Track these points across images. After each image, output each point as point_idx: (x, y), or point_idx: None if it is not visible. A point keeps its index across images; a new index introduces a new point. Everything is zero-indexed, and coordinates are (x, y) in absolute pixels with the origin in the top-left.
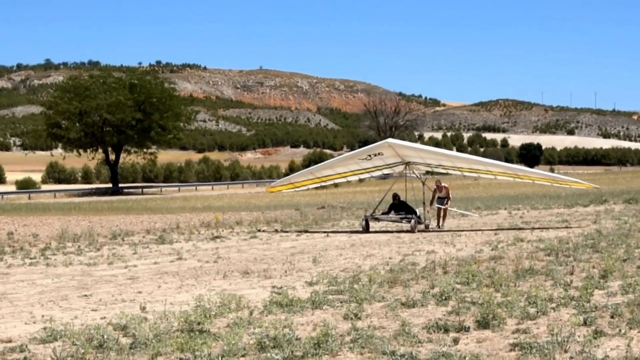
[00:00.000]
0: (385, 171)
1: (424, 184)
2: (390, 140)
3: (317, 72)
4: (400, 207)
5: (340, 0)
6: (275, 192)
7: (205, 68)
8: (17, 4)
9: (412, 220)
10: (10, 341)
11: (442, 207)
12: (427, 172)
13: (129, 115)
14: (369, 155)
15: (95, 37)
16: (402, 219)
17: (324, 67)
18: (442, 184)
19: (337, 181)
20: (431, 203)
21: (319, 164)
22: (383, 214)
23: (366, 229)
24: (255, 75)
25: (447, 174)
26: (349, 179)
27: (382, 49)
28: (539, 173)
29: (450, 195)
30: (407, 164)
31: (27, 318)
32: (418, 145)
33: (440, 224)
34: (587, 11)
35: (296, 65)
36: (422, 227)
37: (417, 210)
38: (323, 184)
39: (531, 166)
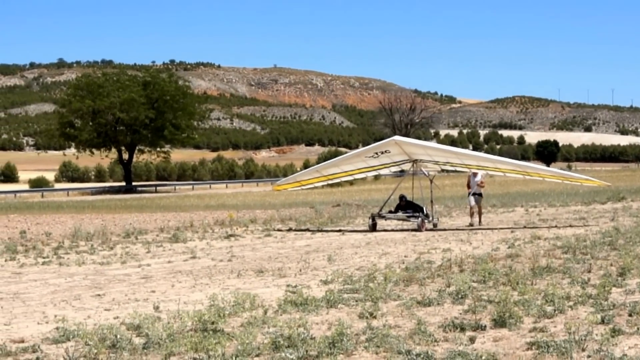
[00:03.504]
0: (393, 169)
1: (432, 181)
2: (397, 137)
3: (332, 70)
4: (407, 207)
5: None
6: (290, 190)
7: (219, 66)
8: (30, 2)
9: (419, 219)
10: (22, 341)
11: (476, 204)
12: (443, 170)
13: (142, 114)
14: (376, 153)
15: (109, 35)
16: (409, 217)
17: (339, 65)
18: (481, 172)
19: (344, 179)
20: (470, 191)
21: (326, 162)
22: (390, 212)
23: (373, 228)
24: (269, 72)
25: (455, 171)
26: (357, 176)
27: (397, 46)
28: (549, 170)
29: (482, 191)
30: (415, 161)
31: (39, 318)
32: (425, 142)
33: (476, 221)
34: (605, 7)
35: (311, 62)
36: (430, 225)
37: (424, 208)
38: (330, 182)
39: (548, 163)
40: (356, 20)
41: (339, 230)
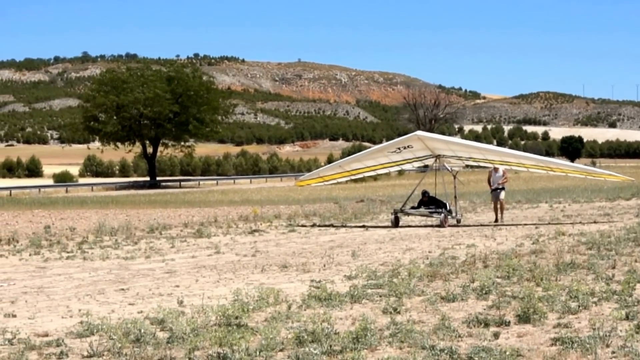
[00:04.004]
0: (417, 164)
1: (455, 177)
2: (419, 132)
3: (356, 65)
4: (429, 203)
5: None
6: (313, 186)
7: (243, 61)
8: None
9: (442, 215)
10: (46, 335)
11: (499, 199)
12: (467, 166)
13: (166, 109)
14: (399, 148)
15: (133, 30)
16: (431, 213)
17: (363, 60)
18: (502, 167)
19: (367, 174)
20: (492, 189)
21: (348, 157)
22: (412, 208)
23: (395, 224)
24: (293, 67)
25: (479, 166)
26: (379, 172)
27: (422, 42)
28: (572, 166)
29: (506, 185)
30: (437, 156)
31: (63, 312)
32: (448, 137)
33: (499, 217)
34: (631, 2)
35: (335, 57)
36: (453, 221)
37: (447, 204)
38: (352, 177)
39: (572, 159)
40: (381, 15)
41: (363, 226)
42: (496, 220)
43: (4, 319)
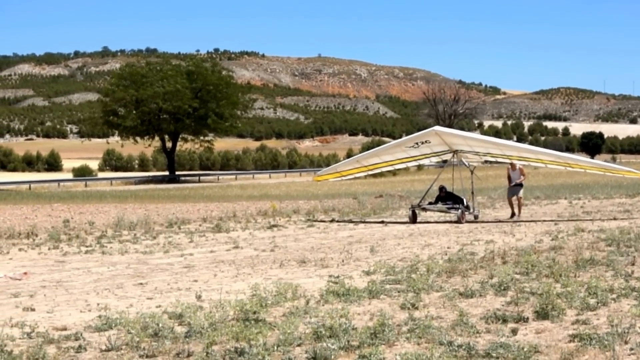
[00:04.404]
0: (435, 159)
1: (472, 172)
2: (437, 127)
3: (376, 60)
4: (447, 198)
5: None
6: (331, 181)
7: (263, 55)
8: None
9: (459, 210)
10: (65, 329)
11: (516, 195)
12: (487, 162)
13: (185, 103)
14: (416, 143)
15: (153, 24)
16: (449, 209)
17: (383, 55)
18: (518, 164)
19: (384, 169)
20: (511, 184)
21: (366, 152)
22: (430, 204)
23: (413, 220)
24: (313, 62)
25: (497, 162)
26: (397, 167)
27: (442, 37)
28: (591, 162)
29: (524, 181)
30: (455, 152)
31: (82, 306)
32: (466, 133)
33: (517, 214)
34: None
35: (355, 52)
36: (470, 217)
37: (464, 200)
38: (370, 172)
39: (592, 155)
40: (401, 10)
41: (382, 222)
42: (512, 215)
43: (22, 313)
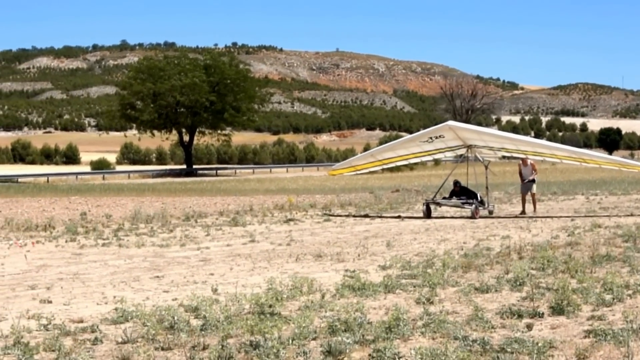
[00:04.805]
0: (449, 154)
1: (487, 167)
2: (450, 122)
3: (394, 54)
4: (461, 193)
5: None
6: (348, 175)
7: (281, 50)
8: None
9: (473, 206)
10: (81, 321)
11: (529, 191)
12: (504, 157)
13: (203, 97)
14: (430, 138)
15: (171, 18)
16: (463, 204)
17: (401, 49)
18: (529, 160)
19: (399, 164)
20: (523, 181)
21: (380, 146)
22: (444, 198)
23: (428, 214)
24: (331, 57)
25: (513, 157)
26: (411, 161)
27: (460, 32)
28: (606, 157)
29: (536, 177)
30: (469, 147)
31: (98, 298)
32: (479, 127)
33: (531, 209)
34: None
35: (373, 47)
36: (485, 212)
37: (478, 195)
38: (384, 166)
39: (610, 151)
40: (419, 5)
41: (398, 216)
42: (523, 212)
43: (39, 305)
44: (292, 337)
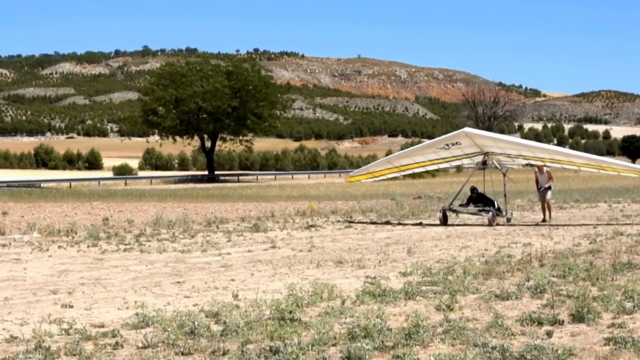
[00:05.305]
0: (466, 161)
1: (505, 175)
2: (466, 129)
3: (416, 61)
4: (478, 200)
5: None
6: (368, 182)
7: (303, 56)
8: None
9: (490, 213)
10: (102, 326)
11: (546, 198)
12: (528, 165)
13: (225, 103)
14: (447, 145)
15: (193, 24)
16: (480, 211)
17: (423, 56)
18: (545, 168)
19: (415, 170)
20: (539, 189)
21: (397, 153)
22: (461, 205)
23: (444, 222)
24: (353, 63)
25: (529, 164)
26: (428, 168)
27: (482, 38)
28: (625, 165)
29: (552, 185)
30: (486, 154)
31: (120, 303)
32: (496, 134)
33: (547, 217)
34: None
35: (395, 54)
36: (502, 220)
37: (495, 202)
38: (401, 173)
39: (633, 159)
40: (441, 11)
41: (419, 223)
42: (544, 220)
43: (61, 310)
44: (311, 342)
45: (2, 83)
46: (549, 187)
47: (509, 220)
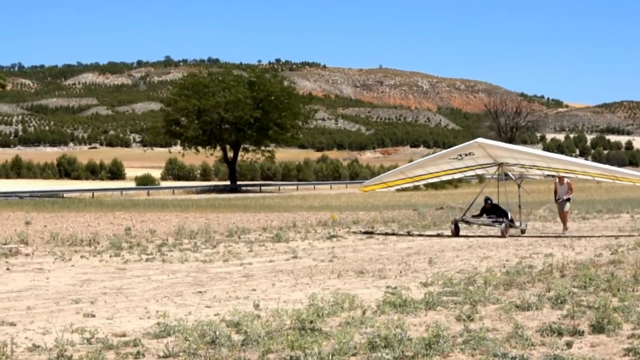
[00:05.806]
0: (479, 171)
1: (519, 186)
2: (480, 139)
3: (438, 72)
4: (492, 210)
5: (459, 0)
6: (378, 191)
7: (324, 66)
8: (138, 2)
9: (503, 225)
10: (124, 335)
11: (564, 210)
12: (549, 175)
13: (247, 114)
14: (460, 155)
15: (215, 34)
16: (493, 222)
17: (445, 67)
18: (566, 179)
19: (429, 181)
20: (557, 199)
21: (410, 164)
22: (474, 217)
23: (456, 233)
24: (375, 74)
25: (550, 175)
26: (442, 178)
27: (504, 49)
28: None
29: (571, 196)
30: (500, 164)
31: (141, 313)
32: (510, 145)
33: (564, 228)
34: None
35: (416, 64)
36: (515, 231)
37: (509, 213)
38: (415, 183)
39: None
40: (462, 22)
41: (440, 234)
42: (564, 230)
43: (83, 319)
44: (332, 352)
45: (26, 93)
46: (568, 199)
47: (523, 231)
